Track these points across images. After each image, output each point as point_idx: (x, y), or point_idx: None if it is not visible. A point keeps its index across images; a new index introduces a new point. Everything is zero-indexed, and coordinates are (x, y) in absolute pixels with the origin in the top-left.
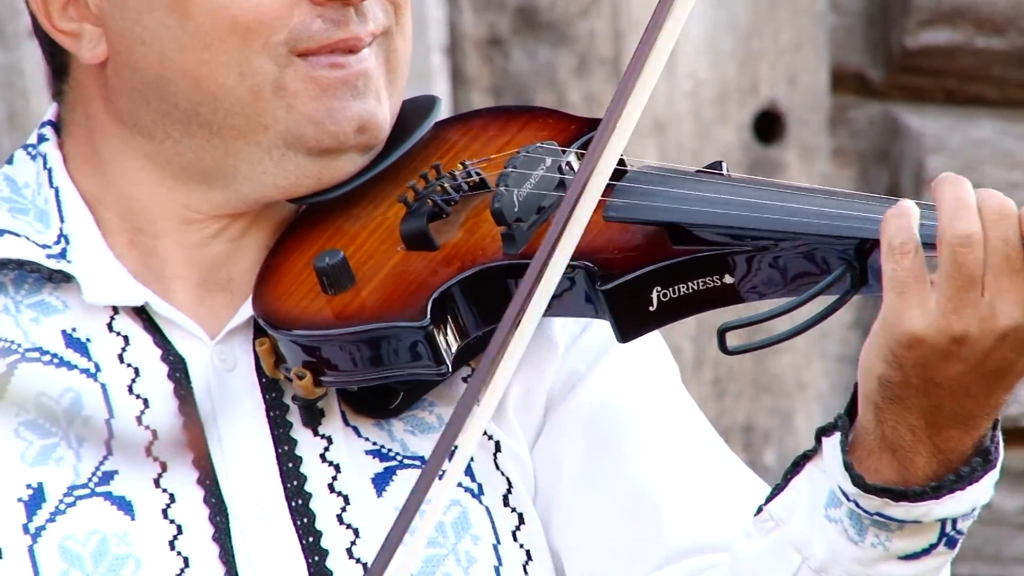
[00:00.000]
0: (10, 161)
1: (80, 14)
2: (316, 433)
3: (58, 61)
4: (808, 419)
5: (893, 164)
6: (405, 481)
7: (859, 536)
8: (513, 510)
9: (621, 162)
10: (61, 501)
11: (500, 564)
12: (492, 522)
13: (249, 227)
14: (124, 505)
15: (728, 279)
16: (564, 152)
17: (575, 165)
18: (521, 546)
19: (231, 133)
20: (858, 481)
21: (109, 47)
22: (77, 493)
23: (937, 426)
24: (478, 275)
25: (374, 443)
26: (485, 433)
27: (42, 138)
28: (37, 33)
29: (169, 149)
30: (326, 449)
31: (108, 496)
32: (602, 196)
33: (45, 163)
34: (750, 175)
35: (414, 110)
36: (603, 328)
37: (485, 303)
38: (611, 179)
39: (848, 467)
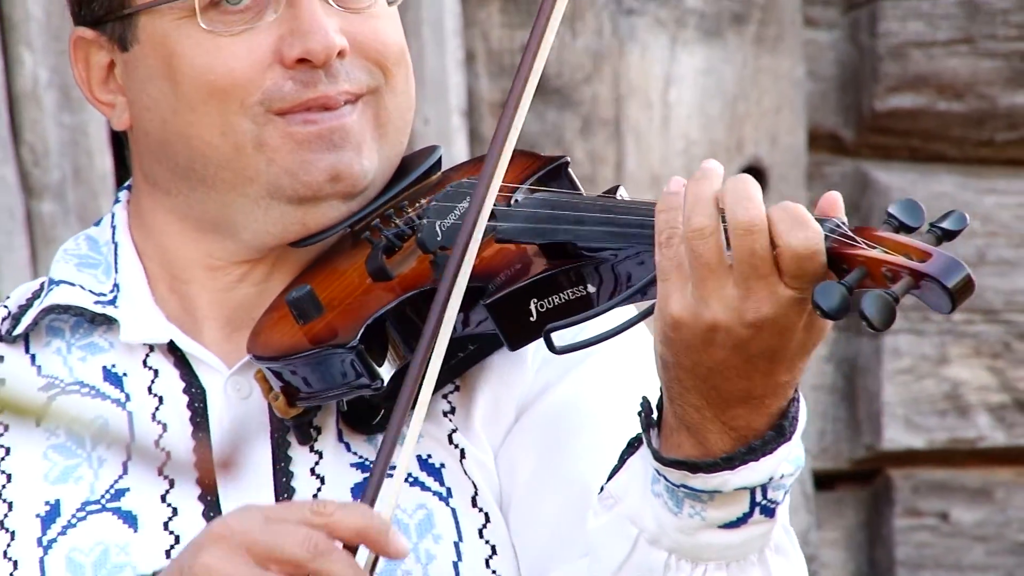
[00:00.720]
0: (98, 223)
1: (115, 87)
2: (311, 449)
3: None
4: None
5: (863, 215)
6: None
7: (677, 508)
8: (480, 510)
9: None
10: (74, 516)
11: (459, 560)
12: (456, 522)
13: (271, 272)
14: (129, 519)
15: (590, 288)
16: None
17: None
18: (487, 542)
19: (223, 186)
20: (657, 456)
21: (131, 115)
22: (89, 508)
23: (721, 405)
24: (410, 300)
25: (360, 457)
26: (451, 442)
27: (116, 200)
28: None
29: (182, 203)
30: (316, 463)
31: (116, 511)
32: (493, 220)
33: (112, 221)
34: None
35: (416, 160)
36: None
37: (416, 325)
38: (505, 204)
39: (648, 443)
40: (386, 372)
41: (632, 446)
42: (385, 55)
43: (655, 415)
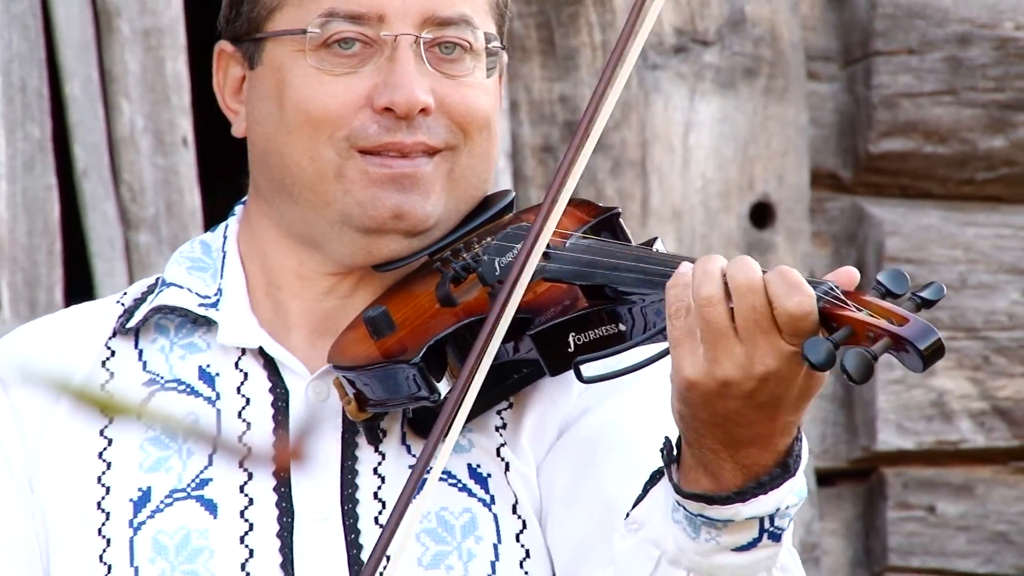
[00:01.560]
0: (213, 229)
1: (242, 98)
2: (376, 450)
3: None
4: None
5: (859, 245)
6: (434, 491)
7: (695, 533)
8: (519, 517)
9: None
10: (162, 502)
11: (497, 560)
12: (497, 526)
13: (356, 289)
14: (210, 506)
15: (621, 327)
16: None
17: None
18: (522, 546)
19: (306, 204)
20: (678, 489)
21: (247, 126)
22: (176, 495)
23: (734, 447)
24: (468, 325)
25: (415, 459)
26: (499, 455)
27: (232, 212)
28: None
29: (278, 213)
30: (379, 464)
31: (199, 499)
32: (544, 261)
33: (225, 231)
34: (745, 254)
35: (492, 201)
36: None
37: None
38: (553, 248)
39: (670, 478)
40: (443, 387)
41: (654, 478)
42: (469, 120)
43: (675, 452)
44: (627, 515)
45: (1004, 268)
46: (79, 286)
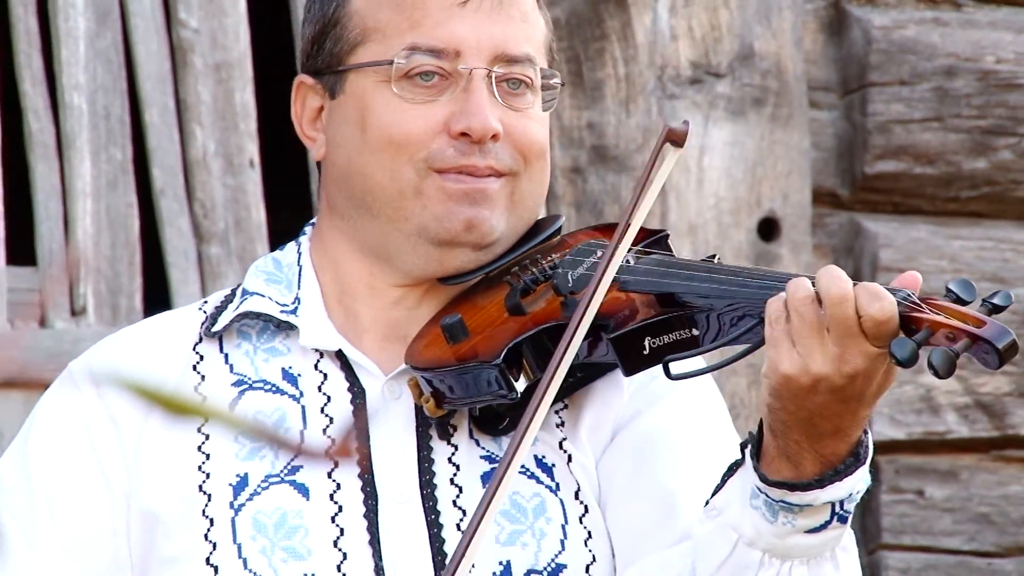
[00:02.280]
0: (281, 247)
1: (320, 126)
2: (448, 443)
3: (318, 162)
4: None
5: (856, 256)
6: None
7: (773, 517)
8: (581, 502)
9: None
10: (259, 486)
11: (565, 538)
12: (564, 510)
13: (422, 300)
14: (303, 490)
15: (695, 331)
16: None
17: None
18: (585, 527)
19: (384, 219)
20: (763, 478)
21: (326, 150)
22: (271, 480)
23: (815, 439)
24: (544, 331)
25: (488, 451)
26: (561, 448)
27: (303, 232)
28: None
29: (353, 228)
30: (452, 454)
31: (292, 483)
32: (619, 274)
33: (299, 248)
34: (744, 264)
35: (544, 224)
36: (664, 379)
37: (547, 351)
38: (626, 262)
39: (756, 469)
40: (520, 386)
41: (731, 469)
42: (529, 148)
43: (755, 445)
44: (707, 503)
45: (986, 277)
46: (156, 294)
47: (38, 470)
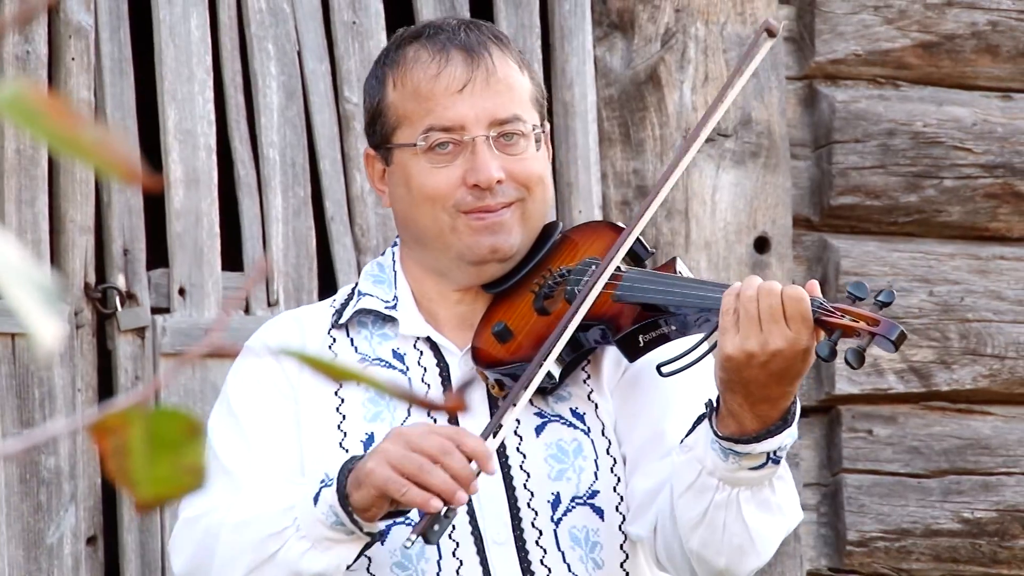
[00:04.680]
0: (383, 254)
1: (384, 184)
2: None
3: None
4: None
5: (824, 264)
6: (553, 428)
7: (724, 458)
8: (606, 438)
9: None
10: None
11: (597, 470)
12: (595, 447)
13: (476, 298)
14: None
15: (673, 327)
16: (599, 263)
17: (622, 268)
18: (611, 456)
19: (433, 250)
20: (716, 433)
21: (390, 201)
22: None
23: (752, 403)
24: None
25: (539, 410)
26: (589, 399)
27: (395, 243)
28: None
29: (417, 254)
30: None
31: None
32: (612, 287)
33: (393, 257)
34: (751, 272)
35: (548, 229)
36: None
37: (574, 343)
38: (618, 278)
39: (711, 425)
40: (557, 372)
41: (700, 419)
42: (527, 180)
43: (715, 407)
44: (682, 441)
45: (916, 278)
46: (328, 291)
47: (239, 409)
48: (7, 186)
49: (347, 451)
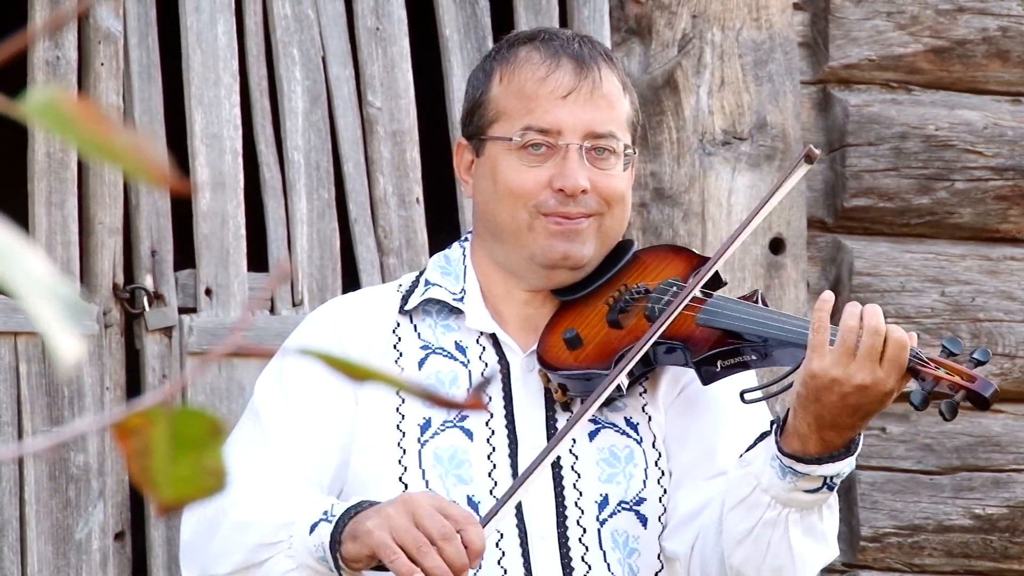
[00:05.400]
0: (449, 246)
1: (470, 174)
2: (565, 408)
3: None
4: None
5: (837, 265)
6: (606, 434)
7: (782, 476)
8: (656, 450)
9: (711, 289)
10: (439, 428)
11: (646, 478)
12: (645, 456)
13: (543, 303)
14: (468, 433)
15: (753, 356)
16: (683, 286)
17: (701, 293)
18: (659, 468)
19: (508, 246)
20: (780, 449)
21: (473, 191)
22: (447, 424)
23: (821, 427)
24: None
25: (593, 418)
26: (643, 410)
27: (466, 237)
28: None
29: (491, 249)
30: (568, 417)
31: (461, 428)
32: (693, 310)
33: (463, 251)
34: (765, 273)
35: (622, 246)
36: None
37: (642, 359)
38: (699, 301)
39: (776, 441)
40: (624, 383)
41: (762, 436)
42: (610, 196)
43: (781, 424)
44: (741, 455)
45: (928, 279)
46: (351, 290)
47: (289, 378)
48: (37, 189)
49: (403, 434)
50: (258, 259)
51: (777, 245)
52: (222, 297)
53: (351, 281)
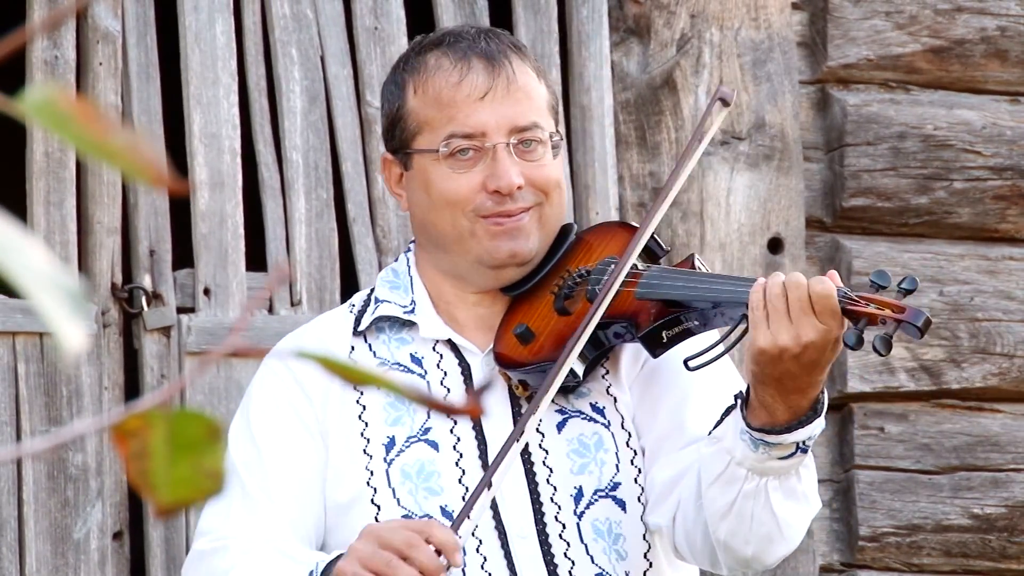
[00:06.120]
0: (396, 260)
1: (401, 188)
2: (529, 400)
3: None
4: None
5: (836, 264)
6: (573, 424)
7: (755, 448)
8: (626, 431)
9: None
10: (403, 445)
11: (618, 462)
12: (615, 440)
13: (493, 302)
14: (433, 445)
15: (695, 322)
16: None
17: (640, 266)
18: (631, 449)
19: (452, 254)
20: (748, 424)
21: (408, 204)
22: (411, 440)
23: (784, 395)
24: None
25: (560, 408)
26: (608, 393)
27: (409, 248)
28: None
29: (435, 257)
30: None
31: (427, 441)
32: (632, 285)
33: (408, 262)
34: (763, 272)
35: (563, 233)
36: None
37: (595, 341)
38: (637, 276)
39: (743, 417)
40: (580, 370)
41: (728, 410)
42: (546, 186)
43: (744, 399)
44: (710, 432)
45: (926, 278)
46: (350, 290)
47: (258, 430)
48: (36, 188)
49: (370, 457)
50: (257, 259)
51: (775, 245)
52: (220, 297)
53: (349, 280)
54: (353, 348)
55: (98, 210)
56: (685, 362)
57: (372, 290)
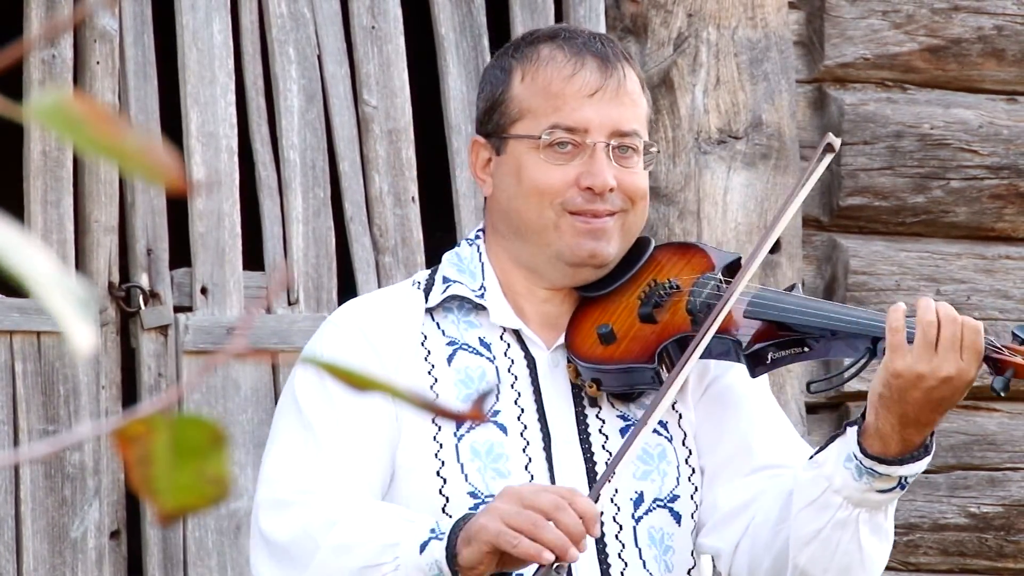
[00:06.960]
0: (457, 244)
1: (488, 172)
2: (594, 404)
3: (485, 197)
4: None
5: (833, 264)
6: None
7: (858, 477)
8: (687, 448)
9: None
10: (474, 423)
11: (679, 476)
12: (676, 453)
13: (564, 300)
14: (502, 428)
15: (804, 349)
16: (722, 280)
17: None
18: (690, 466)
19: (532, 244)
20: (863, 451)
21: (492, 189)
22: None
23: (904, 426)
24: (679, 339)
25: (622, 413)
26: (674, 409)
27: (477, 236)
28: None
29: (512, 246)
30: (599, 412)
31: (495, 423)
32: (740, 303)
33: (478, 248)
34: (760, 271)
35: (640, 244)
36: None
37: (680, 354)
38: (746, 294)
39: (859, 443)
40: (663, 378)
41: (832, 437)
42: (634, 193)
43: (860, 423)
44: (811, 457)
45: (923, 277)
46: (347, 289)
47: (333, 386)
48: (33, 187)
49: (439, 428)
50: (254, 258)
51: (773, 244)
52: (218, 296)
53: (347, 280)
54: (423, 324)
55: (95, 209)
56: (808, 385)
57: (434, 269)
